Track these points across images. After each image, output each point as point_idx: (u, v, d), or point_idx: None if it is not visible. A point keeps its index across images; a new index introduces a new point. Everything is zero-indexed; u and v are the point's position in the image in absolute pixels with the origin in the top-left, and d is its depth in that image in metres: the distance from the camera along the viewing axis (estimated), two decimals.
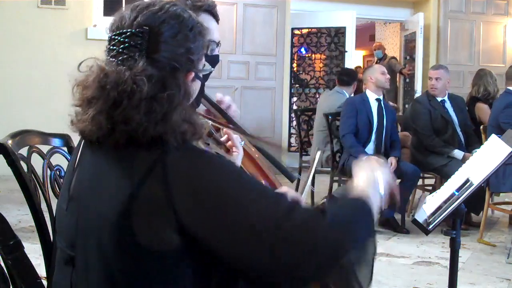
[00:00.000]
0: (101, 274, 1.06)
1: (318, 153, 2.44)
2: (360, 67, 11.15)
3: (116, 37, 1.09)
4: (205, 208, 1.01)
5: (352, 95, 5.72)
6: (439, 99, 4.70)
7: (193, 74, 1.14)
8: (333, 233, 1.03)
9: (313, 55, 8.17)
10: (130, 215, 1.01)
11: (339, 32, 7.81)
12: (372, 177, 1.21)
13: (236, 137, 1.54)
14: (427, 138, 4.60)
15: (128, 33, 1.08)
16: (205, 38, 1.16)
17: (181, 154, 1.04)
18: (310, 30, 8.01)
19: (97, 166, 1.11)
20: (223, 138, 1.53)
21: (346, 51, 7.71)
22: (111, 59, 1.08)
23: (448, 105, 4.71)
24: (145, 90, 1.03)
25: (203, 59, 1.18)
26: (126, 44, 1.07)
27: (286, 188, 1.57)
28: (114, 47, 1.09)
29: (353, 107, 4.65)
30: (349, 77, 5.57)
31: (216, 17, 1.80)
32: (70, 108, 1.12)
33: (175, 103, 1.06)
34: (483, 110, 4.92)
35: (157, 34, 1.08)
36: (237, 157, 1.51)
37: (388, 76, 4.82)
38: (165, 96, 1.04)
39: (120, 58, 1.07)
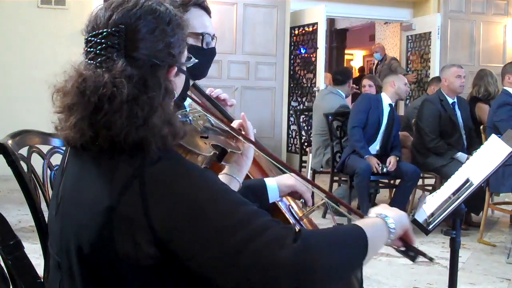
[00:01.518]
0: (83, 282, 1.06)
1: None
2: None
3: (93, 38, 1.06)
4: (179, 222, 0.98)
5: (350, 95, 5.70)
6: (450, 101, 4.68)
7: (175, 69, 1.11)
8: (298, 258, 0.95)
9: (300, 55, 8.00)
10: (109, 226, 1.00)
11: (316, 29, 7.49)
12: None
13: (249, 124, 1.47)
14: (431, 141, 4.57)
15: (104, 33, 1.05)
16: (185, 30, 1.13)
17: (160, 166, 1.01)
18: (299, 29, 7.86)
19: (80, 173, 1.10)
20: (235, 125, 1.46)
21: (317, 48, 7.40)
22: (89, 61, 1.05)
23: (457, 107, 4.71)
24: (125, 93, 1.00)
25: (185, 52, 1.15)
26: (103, 45, 1.04)
27: (288, 177, 1.54)
28: (92, 49, 1.05)
29: (368, 102, 4.65)
30: (344, 76, 5.48)
31: (207, 10, 1.77)
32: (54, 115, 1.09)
33: (155, 105, 1.03)
34: (484, 111, 4.92)
35: (134, 32, 1.04)
36: (249, 147, 1.44)
37: (408, 89, 4.86)
38: (146, 99, 1.02)
39: (99, 60, 1.04)
